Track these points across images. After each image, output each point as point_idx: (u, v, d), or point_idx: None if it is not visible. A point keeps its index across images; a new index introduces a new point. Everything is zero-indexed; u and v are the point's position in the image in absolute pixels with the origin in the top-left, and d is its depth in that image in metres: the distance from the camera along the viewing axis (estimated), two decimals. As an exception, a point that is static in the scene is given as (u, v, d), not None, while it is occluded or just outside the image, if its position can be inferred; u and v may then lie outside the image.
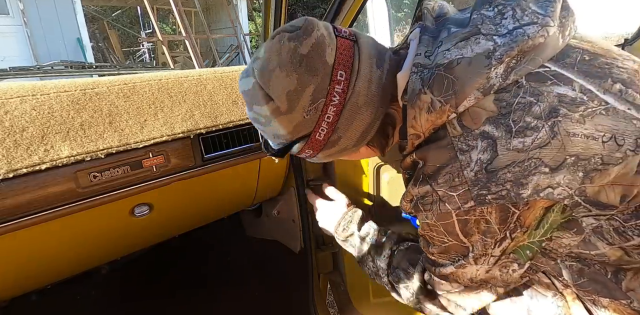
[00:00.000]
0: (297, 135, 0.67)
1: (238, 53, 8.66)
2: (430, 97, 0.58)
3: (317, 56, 0.62)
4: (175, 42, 10.07)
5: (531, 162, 0.54)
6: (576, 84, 0.57)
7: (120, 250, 1.20)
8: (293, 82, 0.62)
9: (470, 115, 0.57)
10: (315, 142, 0.67)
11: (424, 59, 0.60)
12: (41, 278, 1.05)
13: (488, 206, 0.57)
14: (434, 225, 0.64)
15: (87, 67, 2.24)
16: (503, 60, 0.56)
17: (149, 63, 9.48)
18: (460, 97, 0.56)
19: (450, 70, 0.57)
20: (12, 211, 0.75)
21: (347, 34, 0.67)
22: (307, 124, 0.65)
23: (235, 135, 1.07)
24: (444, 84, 0.57)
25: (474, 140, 0.57)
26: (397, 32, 7.26)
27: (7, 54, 6.32)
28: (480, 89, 0.56)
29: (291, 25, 0.65)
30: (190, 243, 1.68)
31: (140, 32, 10.30)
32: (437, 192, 0.60)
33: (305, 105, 0.63)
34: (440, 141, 0.60)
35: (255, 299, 1.65)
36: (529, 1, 0.60)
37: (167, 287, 1.69)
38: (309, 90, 0.62)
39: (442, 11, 0.69)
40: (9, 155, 0.74)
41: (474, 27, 0.59)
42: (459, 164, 0.57)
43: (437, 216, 0.63)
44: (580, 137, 0.54)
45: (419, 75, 0.59)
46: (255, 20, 10.96)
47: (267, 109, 0.64)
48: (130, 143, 0.88)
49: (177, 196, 1.07)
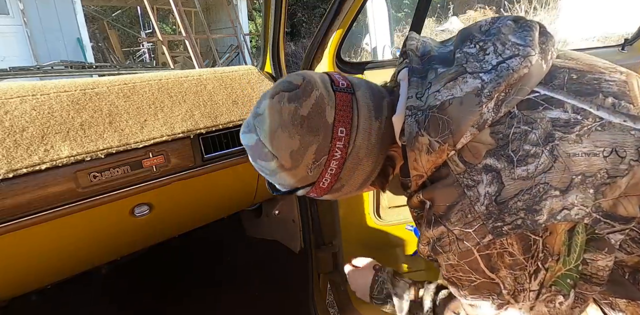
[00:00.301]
0: (302, 185, 0.70)
1: (238, 53, 8.66)
2: (428, 138, 0.59)
3: (318, 116, 0.65)
4: (175, 42, 10.07)
5: (539, 187, 0.55)
6: (568, 105, 0.58)
7: (120, 250, 1.20)
8: (296, 142, 0.64)
9: (470, 151, 0.58)
10: (320, 189, 0.70)
11: (415, 100, 0.62)
12: (41, 278, 1.05)
13: (507, 237, 0.57)
14: (458, 264, 0.63)
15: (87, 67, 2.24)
16: (493, 96, 0.57)
17: (149, 63, 9.48)
18: (457, 136, 0.58)
19: (443, 111, 0.58)
20: (12, 211, 0.75)
21: (344, 86, 0.69)
22: (311, 177, 0.68)
23: (235, 135, 1.07)
24: (439, 125, 0.58)
25: (478, 175, 0.57)
26: (397, 32, 7.26)
27: (7, 54, 6.32)
28: (474, 125, 0.57)
29: (290, 82, 0.67)
30: (190, 243, 1.68)
31: (140, 32, 10.30)
32: (452, 231, 0.60)
33: (309, 163, 0.66)
34: (444, 179, 0.60)
35: (255, 298, 1.65)
36: (507, 34, 0.62)
37: (167, 287, 1.69)
38: (311, 149, 0.65)
39: (425, 50, 0.70)
40: (9, 155, 0.74)
41: (459, 67, 0.61)
42: (469, 200, 0.58)
43: (458, 255, 0.62)
44: (581, 156, 0.55)
45: (414, 118, 0.61)
46: (255, 20, 10.96)
47: (271, 165, 0.67)
48: (130, 143, 0.88)
49: (177, 196, 1.07)
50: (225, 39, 9.48)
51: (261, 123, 0.65)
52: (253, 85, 1.16)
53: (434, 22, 8.76)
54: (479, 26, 0.67)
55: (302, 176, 0.68)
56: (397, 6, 9.55)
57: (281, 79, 0.70)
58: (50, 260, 0.97)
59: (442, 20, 8.87)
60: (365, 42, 6.44)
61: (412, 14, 1.36)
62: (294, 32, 11.16)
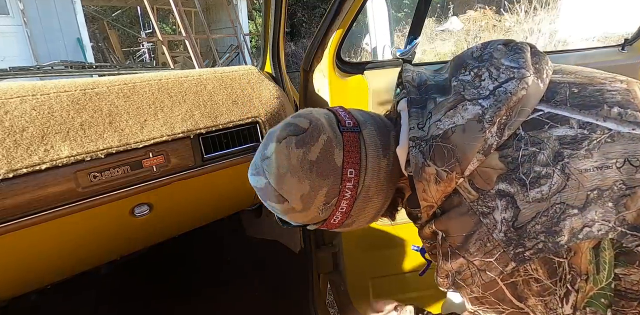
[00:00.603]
0: (314, 221, 0.71)
1: (238, 53, 8.65)
2: (435, 168, 0.59)
3: (326, 161, 0.65)
4: (175, 42, 10.07)
5: (556, 208, 0.54)
6: (573, 121, 0.57)
7: (120, 250, 1.20)
8: (306, 187, 0.65)
9: (481, 177, 0.58)
10: (331, 225, 0.71)
11: (417, 131, 0.62)
12: (41, 278, 1.05)
13: (530, 263, 0.56)
14: (483, 297, 0.61)
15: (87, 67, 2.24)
16: (494, 120, 0.57)
17: (149, 63, 9.48)
18: (464, 164, 0.57)
19: (447, 140, 0.58)
20: (12, 211, 0.75)
21: (351, 125, 0.69)
22: (321, 217, 0.69)
23: (235, 135, 1.07)
24: (445, 153, 0.58)
25: (492, 201, 0.56)
26: (397, 32, 7.26)
27: (7, 54, 6.32)
28: (480, 151, 0.57)
29: (296, 125, 0.67)
30: (190, 243, 1.68)
31: (140, 32, 10.30)
32: (472, 262, 0.59)
33: (320, 205, 0.67)
34: (457, 208, 0.60)
35: (255, 298, 1.65)
36: (500, 58, 0.62)
37: (167, 287, 1.69)
38: (322, 192, 0.66)
39: (421, 80, 0.70)
40: (9, 155, 0.74)
41: (457, 94, 0.61)
42: (486, 228, 0.57)
43: (482, 287, 0.60)
44: (592, 171, 0.54)
45: (418, 149, 0.61)
46: (255, 20, 10.96)
47: (282, 207, 0.68)
48: (130, 143, 0.88)
49: (177, 196, 1.07)
50: (225, 39, 9.48)
51: (270, 167, 0.66)
52: (253, 85, 1.16)
53: (434, 22, 8.76)
54: (470, 52, 0.67)
55: (314, 216, 0.69)
56: (397, 6, 9.55)
57: (287, 121, 0.70)
58: (50, 260, 0.97)
59: (442, 20, 8.87)
60: (365, 42, 6.45)
61: (412, 14, 1.36)
62: (294, 32, 11.16)
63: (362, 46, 7.74)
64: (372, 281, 1.46)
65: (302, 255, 1.44)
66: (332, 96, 1.22)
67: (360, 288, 1.46)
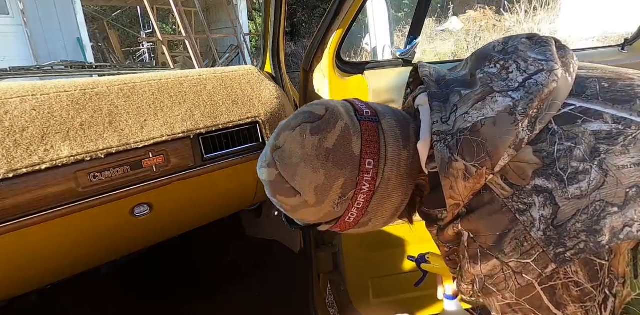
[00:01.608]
0: (326, 220, 0.66)
1: (238, 53, 8.66)
2: (464, 163, 0.55)
3: (344, 149, 0.61)
4: (175, 42, 10.07)
5: (595, 205, 0.51)
6: (607, 116, 0.55)
7: (120, 250, 1.20)
8: (321, 177, 0.60)
9: (515, 172, 0.55)
10: (345, 224, 0.66)
11: (441, 125, 0.58)
12: (41, 278, 1.05)
13: (571, 264, 0.52)
14: (517, 303, 0.56)
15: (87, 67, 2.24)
16: (527, 113, 0.54)
17: (149, 63, 9.48)
18: (495, 158, 0.54)
19: (476, 133, 0.55)
20: (12, 211, 0.75)
21: (369, 114, 0.65)
22: (335, 214, 0.64)
23: (235, 135, 1.07)
24: (474, 148, 0.55)
25: (529, 198, 0.53)
26: (397, 32, 7.26)
27: (7, 54, 6.32)
28: (511, 146, 0.54)
29: (311, 112, 0.63)
30: (190, 243, 1.68)
31: (140, 32, 10.30)
32: (507, 264, 0.54)
33: (335, 199, 0.62)
34: (489, 206, 0.56)
35: (255, 298, 1.65)
36: (526, 50, 0.60)
37: (167, 287, 1.69)
38: (338, 183, 0.61)
39: (440, 75, 0.67)
40: (9, 155, 0.74)
41: (485, 86, 0.58)
42: (522, 226, 0.53)
43: (517, 293, 0.55)
44: (630, 168, 0.52)
45: (444, 143, 0.57)
46: (255, 20, 10.96)
47: (294, 201, 0.63)
48: (130, 143, 0.88)
49: (177, 196, 1.07)
50: (225, 39, 9.48)
51: (282, 157, 0.62)
52: (253, 85, 1.16)
53: (434, 22, 8.76)
54: (492, 47, 0.65)
55: (327, 212, 0.63)
56: (397, 6, 9.55)
57: (301, 109, 0.66)
58: (51, 260, 0.97)
59: (442, 20, 8.87)
60: (365, 42, 6.45)
61: (412, 14, 1.36)
62: (294, 32, 11.16)
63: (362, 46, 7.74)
64: (372, 281, 1.46)
65: (302, 255, 1.44)
66: (332, 96, 1.22)
67: (360, 288, 1.46)
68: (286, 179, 0.61)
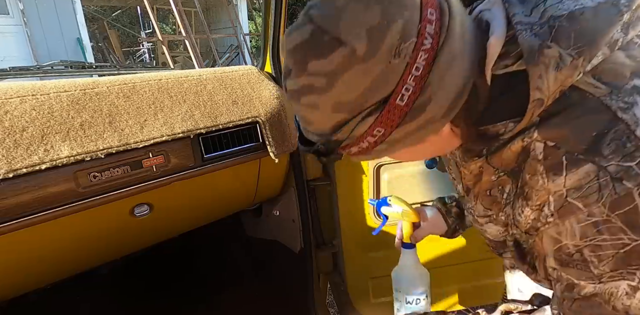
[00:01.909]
0: (371, 101, 0.48)
1: (238, 53, 8.66)
2: (558, 50, 0.48)
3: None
4: (175, 42, 10.07)
5: None
6: None
7: (120, 250, 1.20)
8: (376, 15, 0.46)
9: (611, 72, 0.49)
10: (394, 111, 0.49)
11: (524, 17, 0.51)
12: (41, 278, 1.05)
13: None
14: (606, 221, 0.47)
15: (87, 67, 2.25)
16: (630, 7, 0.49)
17: (149, 63, 9.48)
18: (593, 50, 0.48)
19: (573, 20, 0.49)
20: (12, 211, 0.75)
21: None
22: (388, 79, 0.47)
23: (235, 135, 1.07)
24: (571, 34, 0.49)
25: (630, 96, 0.47)
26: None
27: (7, 54, 6.32)
28: (607, 43, 0.49)
29: None
30: (191, 243, 1.68)
31: (140, 32, 10.30)
32: (606, 169, 0.46)
33: (392, 47, 0.46)
34: (579, 106, 0.49)
35: (255, 299, 1.65)
36: None
37: (167, 287, 1.69)
38: (396, 26, 0.46)
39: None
40: (9, 155, 0.74)
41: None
42: (625, 124, 0.46)
43: (610, 205, 0.46)
44: None
45: (531, 32, 0.50)
46: (255, 20, 10.96)
47: (335, 58, 0.46)
48: (130, 143, 0.88)
49: (177, 196, 1.07)
50: (225, 39, 9.49)
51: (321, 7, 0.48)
52: (253, 85, 1.16)
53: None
54: None
55: (378, 73, 0.46)
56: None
57: None
58: (51, 260, 0.97)
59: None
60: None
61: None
62: (294, 32, 11.14)
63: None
64: (372, 281, 1.46)
65: (302, 255, 1.44)
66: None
67: (360, 288, 1.46)
68: (326, 29, 0.47)
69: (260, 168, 1.21)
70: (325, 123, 0.52)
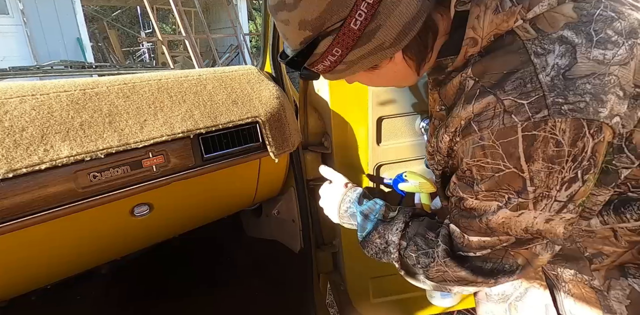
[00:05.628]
0: (329, 22, 0.55)
1: (238, 53, 8.66)
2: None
3: None
4: (175, 42, 10.07)
5: (611, 78, 0.51)
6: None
7: (120, 250, 1.20)
8: None
9: (547, 20, 0.53)
10: (349, 33, 0.55)
11: None
12: (41, 278, 1.05)
13: (562, 119, 0.50)
14: (491, 146, 0.54)
15: (87, 67, 2.25)
16: None
17: (149, 63, 9.49)
18: (534, 0, 0.53)
19: None
20: (12, 211, 0.75)
21: None
22: (343, 3, 0.54)
23: (235, 135, 1.07)
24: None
25: (550, 44, 0.52)
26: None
27: (7, 54, 6.32)
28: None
29: None
30: (190, 243, 1.68)
31: (140, 32, 10.31)
32: (502, 101, 0.52)
33: None
34: (507, 47, 0.54)
35: (255, 298, 1.65)
36: None
37: (167, 287, 1.69)
38: None
39: None
40: (8, 155, 0.74)
41: None
42: (533, 67, 0.51)
43: (497, 133, 0.53)
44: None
45: None
46: (255, 20, 10.96)
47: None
48: (130, 143, 0.88)
49: (177, 196, 1.07)
50: (225, 39, 9.48)
51: None
52: (253, 85, 1.16)
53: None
54: None
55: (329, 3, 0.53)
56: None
57: None
58: (51, 260, 0.97)
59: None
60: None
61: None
62: (294, 32, 11.14)
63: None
64: (372, 281, 1.46)
65: (302, 255, 1.44)
66: (332, 96, 1.22)
67: (360, 288, 1.46)
68: None
69: (260, 168, 1.21)
70: (295, 39, 0.58)
